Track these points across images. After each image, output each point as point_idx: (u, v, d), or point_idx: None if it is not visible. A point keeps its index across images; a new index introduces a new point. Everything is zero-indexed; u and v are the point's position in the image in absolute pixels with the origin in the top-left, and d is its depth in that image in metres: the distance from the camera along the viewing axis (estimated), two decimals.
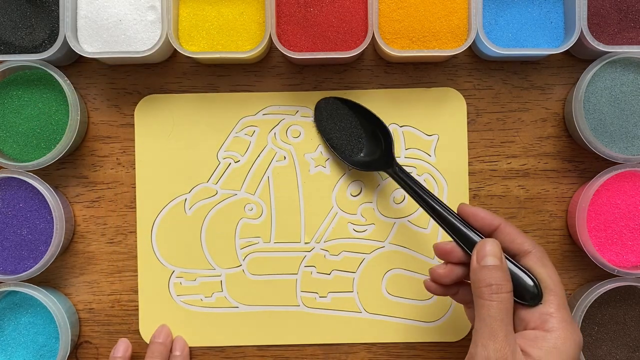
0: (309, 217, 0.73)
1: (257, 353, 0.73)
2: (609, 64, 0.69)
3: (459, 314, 0.72)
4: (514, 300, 0.58)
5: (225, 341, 0.73)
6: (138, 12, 0.69)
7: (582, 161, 0.73)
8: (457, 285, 0.63)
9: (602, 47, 0.67)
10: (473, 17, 0.68)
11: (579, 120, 0.68)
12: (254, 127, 0.73)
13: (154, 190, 0.73)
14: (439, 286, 0.63)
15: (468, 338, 0.73)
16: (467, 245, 0.61)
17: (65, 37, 0.68)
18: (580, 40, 0.68)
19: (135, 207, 0.73)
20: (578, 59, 0.73)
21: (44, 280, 0.73)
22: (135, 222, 0.73)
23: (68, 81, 0.68)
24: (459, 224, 0.62)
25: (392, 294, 0.73)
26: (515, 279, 0.59)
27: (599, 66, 0.68)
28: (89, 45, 0.69)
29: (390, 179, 0.70)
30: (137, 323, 0.73)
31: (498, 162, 0.73)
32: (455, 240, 0.62)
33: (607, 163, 0.69)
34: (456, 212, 0.63)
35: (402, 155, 0.73)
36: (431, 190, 0.72)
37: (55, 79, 0.68)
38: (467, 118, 0.73)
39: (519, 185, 0.73)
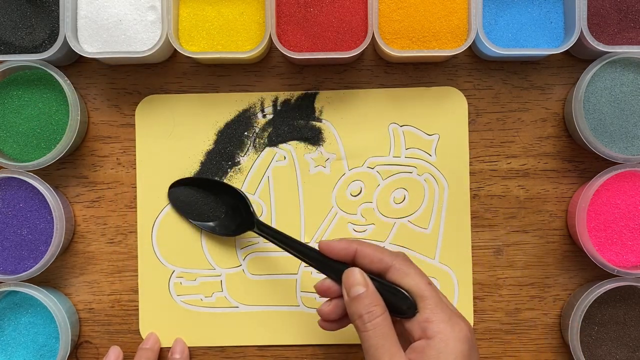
0: (308, 217, 0.73)
1: (257, 353, 0.73)
2: (609, 64, 0.69)
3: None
4: (396, 316, 0.58)
5: (225, 341, 0.73)
6: (138, 12, 0.69)
7: (582, 161, 0.73)
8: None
9: (602, 47, 0.67)
10: (473, 17, 0.68)
11: (579, 120, 0.68)
12: (254, 127, 0.73)
13: (154, 190, 0.73)
14: (330, 323, 0.63)
15: None
16: (340, 278, 0.61)
17: (65, 37, 0.68)
18: (580, 40, 0.68)
19: (135, 207, 0.73)
20: (578, 59, 0.73)
21: (44, 280, 0.73)
22: (136, 222, 0.73)
23: (68, 81, 0.68)
24: (325, 260, 0.62)
25: None
26: (389, 296, 0.58)
27: (599, 66, 0.68)
28: (89, 45, 0.69)
29: (390, 179, 0.70)
30: (137, 323, 0.73)
31: (498, 162, 0.73)
32: (328, 276, 0.62)
33: (607, 163, 0.69)
34: (318, 249, 0.63)
35: (402, 155, 0.73)
36: (431, 191, 0.73)
37: (55, 79, 0.68)
38: (467, 118, 0.73)
39: (519, 185, 0.73)
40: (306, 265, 0.64)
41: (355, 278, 0.59)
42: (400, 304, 0.58)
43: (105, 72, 0.74)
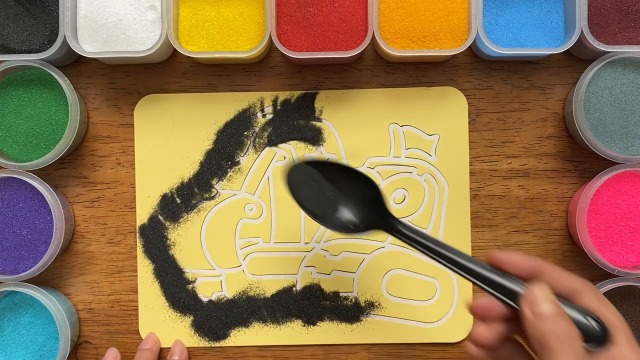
0: (309, 217, 0.72)
1: (257, 353, 0.73)
2: (609, 64, 0.69)
3: (460, 315, 0.72)
4: (586, 344, 0.52)
5: (225, 341, 0.73)
6: (138, 12, 0.69)
7: (582, 161, 0.73)
8: (506, 344, 0.56)
9: (602, 47, 0.67)
10: (473, 17, 0.68)
11: (579, 120, 0.68)
12: (254, 127, 0.73)
13: (153, 190, 0.73)
14: (483, 350, 0.55)
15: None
16: (508, 296, 0.54)
17: (65, 37, 0.68)
18: (581, 40, 0.68)
19: (135, 207, 0.73)
20: (578, 59, 0.73)
21: (43, 280, 0.73)
22: (135, 222, 0.73)
23: (68, 81, 0.68)
24: (491, 275, 0.54)
25: (392, 294, 0.73)
26: (577, 322, 0.52)
27: (599, 66, 0.68)
28: (88, 45, 0.69)
29: (390, 179, 0.70)
30: (137, 323, 0.73)
31: (498, 162, 0.73)
32: (492, 293, 0.54)
33: (607, 163, 0.69)
34: (486, 260, 0.56)
35: (402, 155, 0.73)
36: (431, 191, 0.72)
37: (55, 79, 0.68)
38: (468, 118, 0.73)
39: (519, 185, 0.73)
40: (449, 269, 0.55)
41: (545, 294, 0.52)
42: (590, 333, 0.52)
43: (105, 72, 0.73)
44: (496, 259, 0.55)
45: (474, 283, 0.55)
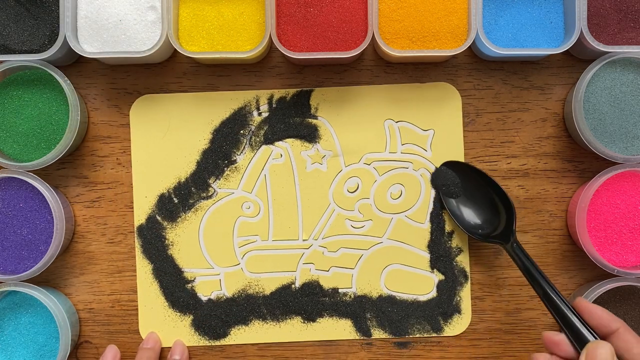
0: (306, 214, 0.73)
1: (257, 353, 0.73)
2: (608, 64, 0.69)
3: (459, 310, 0.73)
4: None
5: (225, 340, 0.73)
6: (138, 12, 0.69)
7: (582, 161, 0.73)
8: None
9: (602, 47, 0.67)
10: (473, 17, 0.68)
11: (579, 120, 0.68)
12: (250, 125, 0.73)
13: (150, 190, 0.73)
14: None
15: (466, 335, 0.73)
16: (578, 342, 0.59)
17: (65, 37, 0.68)
18: (580, 40, 0.68)
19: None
20: (578, 59, 0.73)
21: (44, 280, 0.73)
22: (134, 222, 0.73)
23: (68, 81, 0.69)
24: (572, 318, 0.60)
25: (391, 289, 0.73)
26: None
27: (598, 66, 0.68)
28: (89, 45, 0.69)
29: (386, 174, 0.70)
30: (137, 323, 0.73)
31: (498, 162, 0.73)
32: (565, 333, 0.60)
33: (607, 163, 0.69)
34: (572, 304, 0.61)
35: (398, 151, 0.73)
36: (428, 186, 0.73)
37: (55, 79, 0.68)
38: (467, 118, 0.73)
39: (518, 185, 0.73)
40: (545, 306, 0.62)
41: (604, 353, 0.55)
42: None
43: (105, 72, 0.74)
44: (580, 306, 0.60)
45: (555, 318, 0.61)
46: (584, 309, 0.60)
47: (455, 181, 0.72)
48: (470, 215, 0.72)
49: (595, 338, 0.58)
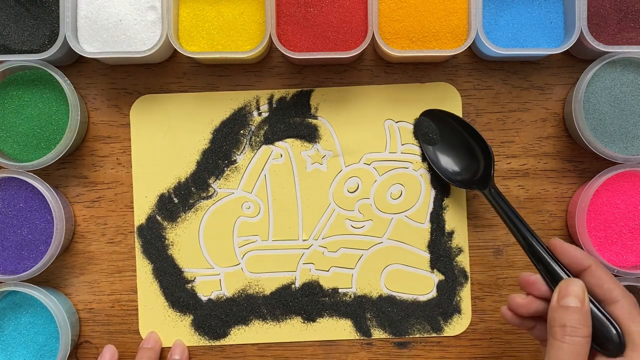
0: (306, 214, 0.73)
1: (257, 353, 0.73)
2: (608, 64, 0.69)
3: (459, 310, 0.73)
4: (595, 347, 0.56)
5: (225, 340, 0.73)
6: (138, 12, 0.69)
7: (582, 161, 0.73)
8: (535, 319, 0.61)
9: (602, 47, 0.67)
10: (473, 17, 0.68)
11: (579, 120, 0.68)
12: (250, 125, 0.73)
13: (150, 190, 0.73)
14: (515, 316, 0.61)
15: (466, 335, 0.73)
16: (553, 281, 0.60)
17: (65, 37, 0.68)
18: (580, 40, 0.68)
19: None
20: (578, 59, 0.73)
21: (44, 280, 0.73)
22: (134, 222, 0.73)
23: (68, 81, 0.69)
24: (547, 258, 0.61)
25: (391, 289, 0.73)
26: (598, 326, 0.56)
27: (598, 66, 0.68)
28: (89, 45, 0.69)
29: (386, 174, 0.70)
30: (137, 323, 0.73)
31: (498, 162, 0.73)
32: (540, 273, 0.61)
33: (607, 163, 0.69)
34: (547, 244, 0.62)
35: (398, 151, 0.73)
36: (428, 185, 0.73)
37: (55, 79, 0.68)
38: (467, 118, 0.73)
39: (518, 185, 0.73)
40: (524, 249, 0.63)
41: (575, 289, 0.57)
42: (607, 340, 0.56)
43: (105, 72, 0.74)
44: (555, 246, 0.61)
45: (529, 258, 0.62)
46: (558, 248, 0.60)
47: (433, 129, 0.72)
48: (448, 162, 0.72)
49: (569, 276, 0.59)
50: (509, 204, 0.66)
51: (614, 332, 0.56)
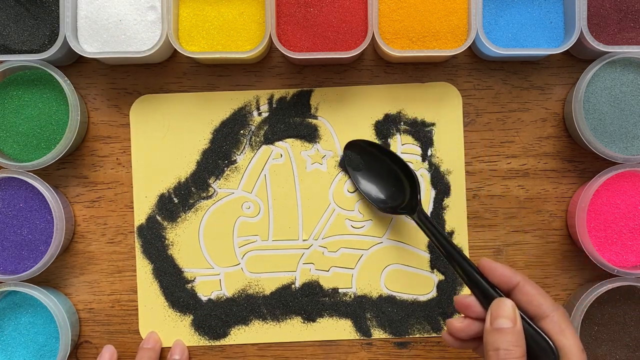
0: (306, 214, 0.73)
1: (257, 353, 0.73)
2: (608, 64, 0.69)
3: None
4: None
5: (225, 340, 0.73)
6: (138, 12, 0.69)
7: (582, 161, 0.73)
8: (477, 340, 0.61)
9: (602, 47, 0.67)
10: (473, 17, 0.68)
11: (579, 120, 0.68)
12: (250, 125, 0.73)
13: (150, 190, 0.73)
14: (455, 340, 0.61)
15: None
16: (487, 301, 0.59)
17: (65, 37, 0.68)
18: (580, 40, 0.68)
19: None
20: (578, 59, 0.73)
21: (44, 280, 0.73)
22: (134, 222, 0.73)
23: (68, 81, 0.69)
24: (479, 278, 0.61)
25: (391, 289, 0.73)
26: (533, 342, 0.57)
27: (598, 66, 0.68)
28: (89, 45, 0.69)
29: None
30: (137, 323, 0.73)
31: (498, 162, 0.73)
32: (474, 294, 0.61)
33: (606, 163, 0.69)
34: (476, 265, 0.62)
35: (398, 151, 0.73)
36: (428, 186, 0.73)
37: (55, 79, 0.68)
38: (467, 118, 0.73)
39: (518, 185, 0.73)
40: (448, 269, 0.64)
41: (506, 310, 0.57)
42: (542, 357, 0.56)
43: (105, 72, 0.74)
44: (484, 266, 0.61)
45: (463, 280, 0.62)
46: (487, 268, 0.60)
47: (358, 161, 0.72)
48: (375, 190, 0.71)
49: (501, 295, 0.59)
50: (438, 227, 0.65)
51: (548, 348, 0.56)
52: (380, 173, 0.72)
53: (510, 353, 0.55)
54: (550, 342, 0.56)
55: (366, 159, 0.72)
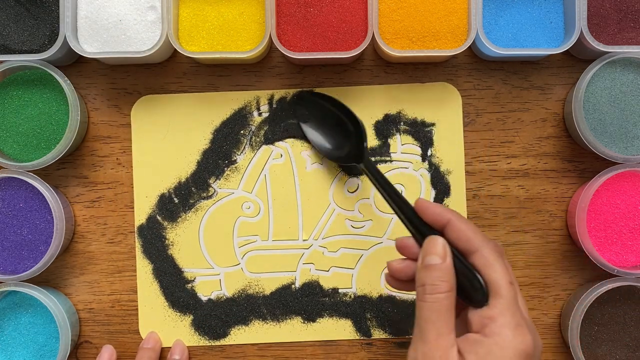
0: (306, 214, 0.73)
1: (257, 353, 0.73)
2: (608, 64, 0.69)
3: None
4: (464, 300, 0.56)
5: (225, 340, 0.73)
6: (138, 12, 0.69)
7: (582, 161, 0.73)
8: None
9: (602, 47, 0.67)
10: (473, 17, 0.68)
11: (579, 120, 0.68)
12: (250, 125, 0.73)
13: (151, 190, 0.73)
14: (396, 281, 0.61)
15: None
16: (422, 239, 0.59)
17: (65, 37, 0.68)
18: (580, 40, 0.68)
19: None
20: (578, 59, 0.73)
21: (44, 280, 0.73)
22: (134, 222, 0.73)
23: (68, 81, 0.69)
24: (415, 219, 0.60)
25: (391, 289, 0.73)
26: (464, 279, 0.56)
27: (598, 66, 0.68)
28: (89, 45, 0.69)
29: (386, 174, 0.70)
30: (137, 323, 0.73)
31: (498, 162, 0.73)
32: (412, 235, 0.60)
33: (606, 163, 0.69)
34: (413, 205, 0.61)
35: (398, 151, 0.73)
36: (428, 186, 0.73)
37: (55, 79, 0.68)
38: (467, 118, 0.73)
39: (518, 185, 0.73)
40: (394, 214, 0.63)
41: (436, 247, 0.57)
42: (472, 291, 0.56)
43: (105, 72, 0.74)
44: (419, 206, 0.60)
45: (402, 221, 0.61)
46: (421, 208, 0.60)
47: (304, 113, 0.73)
48: (321, 139, 0.72)
49: (436, 234, 0.59)
50: (382, 174, 0.65)
51: (478, 283, 0.55)
52: (328, 124, 0.72)
53: (436, 288, 0.55)
54: (479, 277, 0.56)
55: (313, 111, 0.72)
